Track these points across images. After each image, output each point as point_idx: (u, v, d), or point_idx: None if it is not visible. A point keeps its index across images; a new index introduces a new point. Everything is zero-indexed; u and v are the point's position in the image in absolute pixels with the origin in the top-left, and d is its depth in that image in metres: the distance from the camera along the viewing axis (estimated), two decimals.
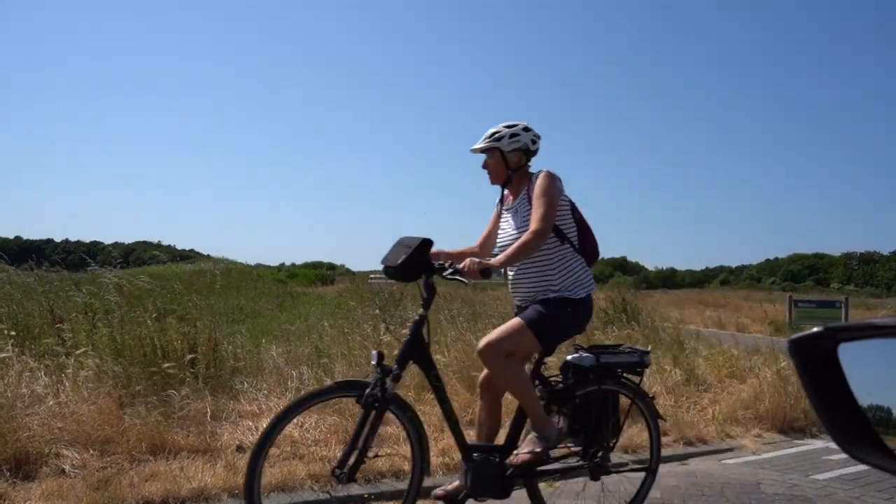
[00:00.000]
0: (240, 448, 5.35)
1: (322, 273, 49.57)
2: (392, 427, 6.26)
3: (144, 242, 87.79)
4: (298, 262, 73.62)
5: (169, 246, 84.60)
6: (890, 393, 1.01)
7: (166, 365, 5.96)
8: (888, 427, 1.00)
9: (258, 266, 48.37)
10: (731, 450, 6.46)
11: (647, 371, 8.21)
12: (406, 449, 5.70)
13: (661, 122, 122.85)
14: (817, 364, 1.08)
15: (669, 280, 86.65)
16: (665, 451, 6.23)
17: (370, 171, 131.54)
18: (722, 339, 12.81)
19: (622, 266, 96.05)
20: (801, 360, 1.10)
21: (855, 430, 1.03)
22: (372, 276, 38.01)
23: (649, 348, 4.45)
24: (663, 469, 5.75)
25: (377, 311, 12.35)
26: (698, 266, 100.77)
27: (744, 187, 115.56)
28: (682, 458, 6.12)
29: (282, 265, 66.78)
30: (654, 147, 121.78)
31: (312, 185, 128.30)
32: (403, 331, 8.47)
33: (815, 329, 1.10)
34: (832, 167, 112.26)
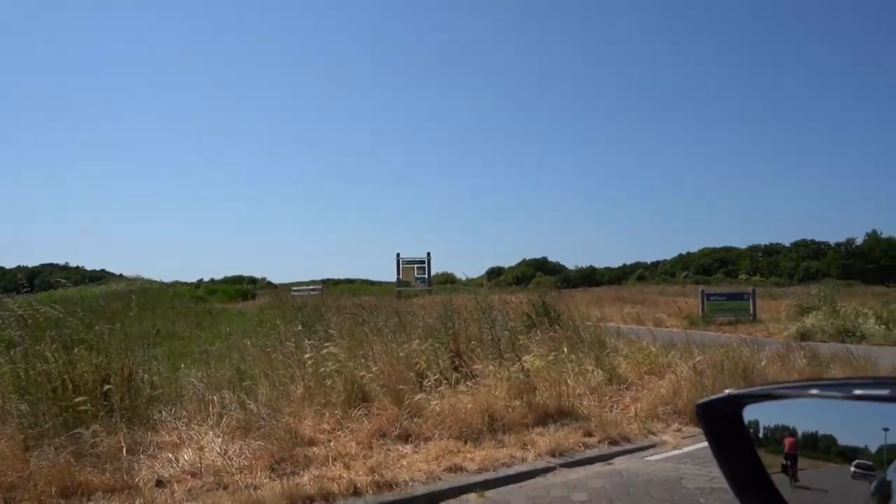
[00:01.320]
0: (159, 483, 5.12)
1: (243, 288, 48.35)
2: (320, 447, 6.14)
3: (50, 265, 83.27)
4: (218, 276, 71.59)
5: (77, 267, 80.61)
6: (784, 447, 1.09)
7: (77, 399, 5.64)
8: (788, 476, 1.08)
9: (175, 283, 46.80)
10: (653, 446, 6.65)
11: (570, 373, 8.37)
12: (335, 470, 5.61)
13: (578, 122, 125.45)
14: (723, 424, 1.15)
15: (589, 278, 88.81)
16: (591, 452, 6.37)
17: (291, 178, 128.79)
18: (641, 336, 13.20)
19: (543, 266, 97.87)
20: (708, 421, 1.17)
21: (755, 482, 1.11)
22: (295, 289, 37.54)
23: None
24: (590, 470, 5.88)
25: (300, 326, 12.15)
26: (616, 263, 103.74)
27: (656, 185, 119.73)
28: (607, 457, 6.26)
29: (200, 281, 64.59)
30: (571, 147, 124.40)
31: (229, 195, 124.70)
32: (327, 346, 8.35)
33: (720, 395, 1.16)
34: (736, 165, 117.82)
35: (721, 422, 1.13)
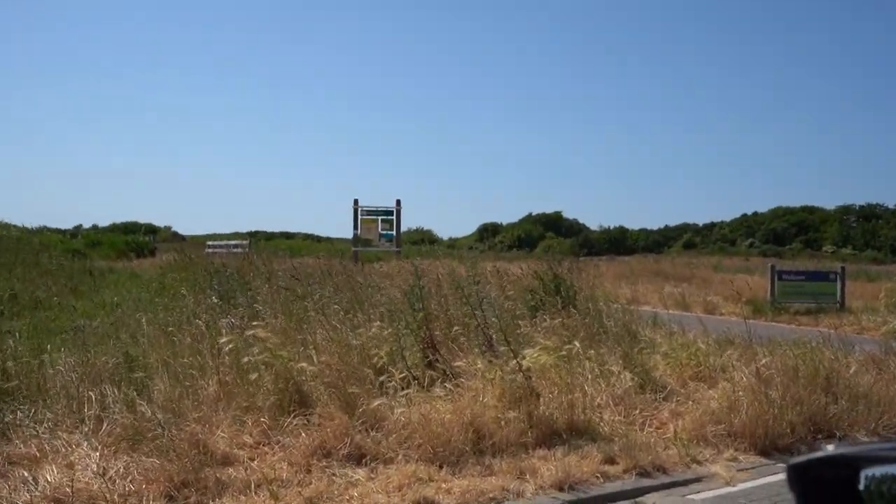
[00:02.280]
0: None
1: (137, 240, 48.17)
2: (238, 469, 6.13)
3: None
4: (103, 223, 71.18)
5: None
6: None
7: None
8: None
9: (42, 230, 46.39)
10: (698, 480, 6.72)
11: (588, 374, 8.45)
12: (258, 501, 5.61)
13: (603, 40, 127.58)
14: (824, 494, 1.08)
15: (618, 244, 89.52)
16: (612, 486, 6.42)
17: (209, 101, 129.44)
18: (686, 326, 13.27)
19: (555, 225, 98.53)
20: (803, 488, 1.09)
21: None
22: (211, 243, 37.35)
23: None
24: None
25: (215, 298, 12.10)
26: (655, 224, 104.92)
27: (713, 123, 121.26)
28: (635, 493, 6.32)
29: (78, 228, 64.31)
30: (596, 70, 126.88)
31: (123, 115, 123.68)
32: (253, 328, 8.32)
33: (823, 453, 1.09)
34: (823, 100, 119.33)
35: (822, 490, 1.07)
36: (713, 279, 32.12)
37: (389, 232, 30.08)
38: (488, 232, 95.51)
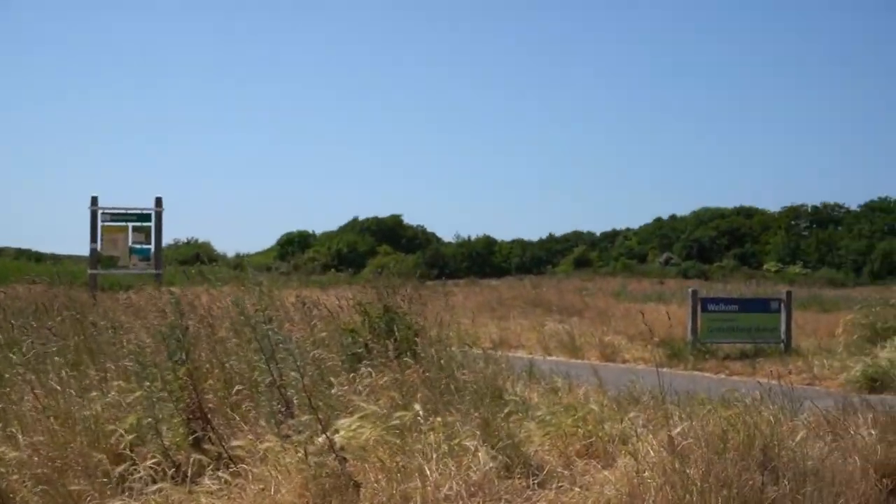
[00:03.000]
0: None
1: None
2: None
3: None
4: None
5: None
6: None
7: None
8: None
9: None
10: None
11: (433, 453, 8.43)
12: None
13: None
14: None
15: (482, 261, 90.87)
16: None
17: None
18: (575, 378, 13.43)
19: (391, 235, 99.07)
20: None
21: None
22: None
23: None
24: None
25: None
26: (534, 234, 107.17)
27: (614, 105, 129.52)
28: None
29: None
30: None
31: None
32: None
33: None
34: (757, 75, 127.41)
35: None
36: (614, 311, 32.84)
37: (145, 246, 29.06)
38: (294, 245, 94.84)
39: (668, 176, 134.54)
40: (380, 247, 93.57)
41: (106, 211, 28.21)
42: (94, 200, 27.85)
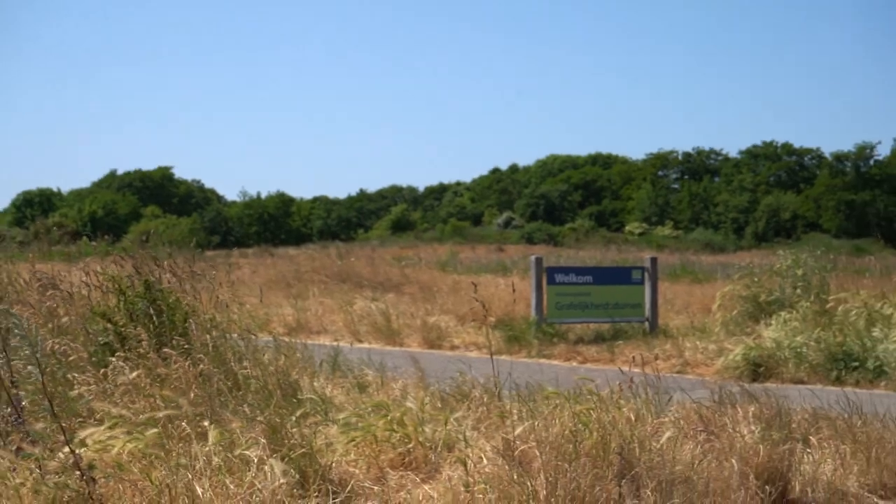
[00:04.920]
0: None
1: None
2: None
3: None
4: None
5: None
6: None
7: None
8: None
9: None
10: None
11: (204, 466, 8.29)
12: None
13: None
14: None
15: (276, 225, 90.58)
16: None
17: None
18: (392, 370, 13.41)
19: (160, 193, 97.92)
20: None
21: None
22: None
23: None
24: None
25: None
26: (341, 191, 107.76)
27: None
28: None
29: None
30: None
31: None
32: None
33: None
34: None
35: None
36: (441, 285, 32.96)
37: None
38: (34, 208, 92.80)
39: (508, 118, 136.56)
40: (145, 208, 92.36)
41: None
42: None
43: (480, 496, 8.11)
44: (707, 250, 64.63)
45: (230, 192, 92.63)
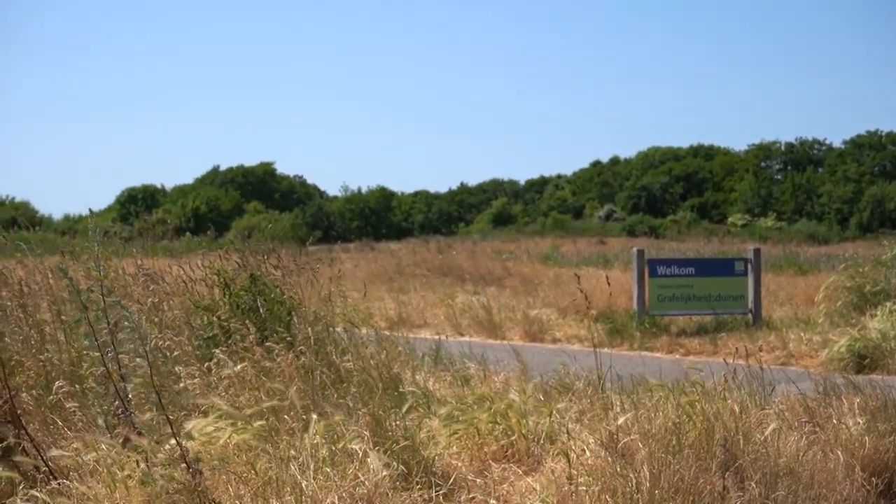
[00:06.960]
0: None
1: None
2: None
3: None
4: None
5: None
6: None
7: None
8: None
9: None
10: None
11: (309, 459, 8.34)
12: None
13: None
14: None
15: (377, 219, 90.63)
16: None
17: None
18: (494, 363, 13.39)
19: (263, 189, 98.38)
20: None
21: None
22: None
23: None
24: None
25: None
26: (442, 185, 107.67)
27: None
28: None
29: None
30: None
31: None
32: None
33: None
34: None
35: None
36: (542, 278, 32.82)
37: None
38: (139, 204, 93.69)
39: (610, 110, 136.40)
40: (248, 204, 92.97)
41: None
42: None
43: (583, 488, 8.09)
44: (810, 241, 64.03)
45: (332, 188, 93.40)
